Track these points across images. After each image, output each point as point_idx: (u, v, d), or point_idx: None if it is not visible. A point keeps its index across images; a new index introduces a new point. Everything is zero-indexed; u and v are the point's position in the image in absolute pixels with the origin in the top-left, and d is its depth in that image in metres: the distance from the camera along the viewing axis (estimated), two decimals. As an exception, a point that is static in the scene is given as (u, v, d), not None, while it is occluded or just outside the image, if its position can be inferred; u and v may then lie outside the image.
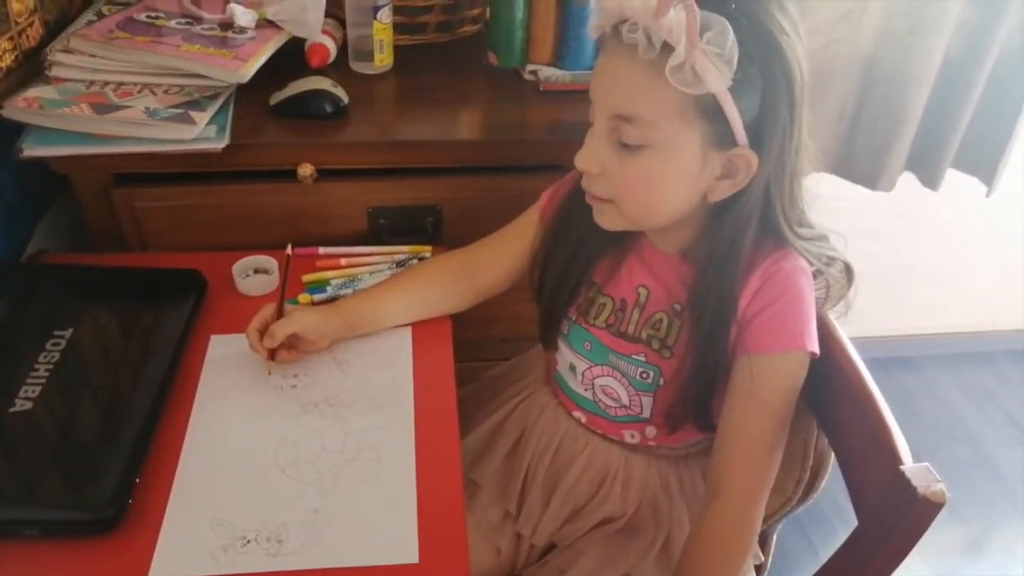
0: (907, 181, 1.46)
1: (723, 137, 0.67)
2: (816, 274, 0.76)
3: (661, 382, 0.81)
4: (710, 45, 0.61)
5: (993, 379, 2.02)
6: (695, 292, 0.74)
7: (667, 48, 0.62)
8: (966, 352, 2.06)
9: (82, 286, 0.91)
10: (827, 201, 0.78)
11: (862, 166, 1.42)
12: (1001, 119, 1.39)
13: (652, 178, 0.69)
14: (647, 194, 0.71)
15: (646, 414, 0.84)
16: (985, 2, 1.28)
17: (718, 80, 0.62)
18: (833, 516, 1.56)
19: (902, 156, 1.41)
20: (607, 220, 0.75)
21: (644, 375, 0.81)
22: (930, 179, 1.45)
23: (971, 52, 1.32)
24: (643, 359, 0.81)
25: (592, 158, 0.71)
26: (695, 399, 0.78)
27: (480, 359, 1.04)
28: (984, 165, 1.45)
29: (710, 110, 0.65)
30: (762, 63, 0.64)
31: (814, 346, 0.73)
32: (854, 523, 0.73)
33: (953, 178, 1.45)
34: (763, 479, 0.76)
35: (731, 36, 0.61)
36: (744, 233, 0.71)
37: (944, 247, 1.86)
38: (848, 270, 0.79)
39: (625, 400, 0.84)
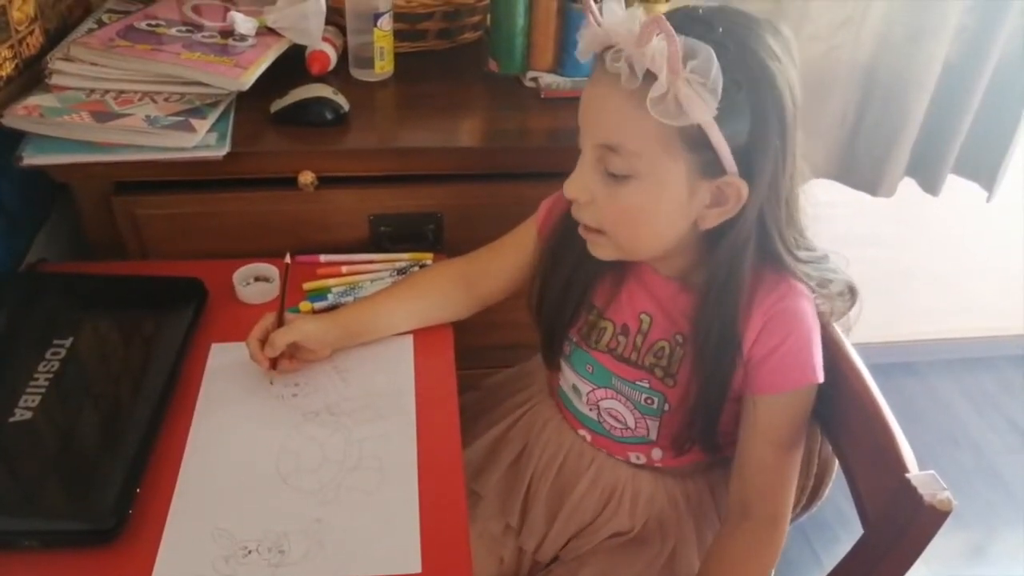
0: (908, 187, 1.46)
1: (711, 166, 0.65)
2: (816, 290, 0.75)
3: (666, 408, 0.80)
4: (694, 74, 0.59)
5: (995, 384, 2.02)
6: (696, 324, 0.73)
7: (650, 77, 0.60)
8: (967, 357, 2.06)
9: (82, 295, 0.90)
10: (827, 207, 0.78)
11: (863, 172, 1.43)
12: (1001, 125, 1.39)
13: (640, 208, 0.68)
14: (636, 224, 0.70)
15: (652, 436, 0.83)
16: (984, 9, 1.28)
17: (703, 111, 0.60)
18: (836, 523, 1.56)
19: (902, 162, 1.41)
20: (600, 251, 0.74)
21: (649, 401, 0.81)
22: (931, 185, 1.45)
23: (971, 58, 1.32)
24: (647, 385, 0.80)
25: (581, 186, 0.70)
26: (701, 426, 0.77)
27: (481, 366, 1.04)
28: (984, 171, 1.45)
29: (696, 140, 0.63)
30: (751, 90, 0.62)
31: (820, 376, 0.74)
32: (857, 530, 0.73)
33: (954, 184, 1.45)
34: (786, 499, 0.77)
35: (715, 65, 0.59)
36: (741, 260, 0.70)
37: (945, 252, 1.86)
38: (851, 290, 0.78)
39: (631, 423, 0.83)
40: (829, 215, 0.79)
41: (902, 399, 1.94)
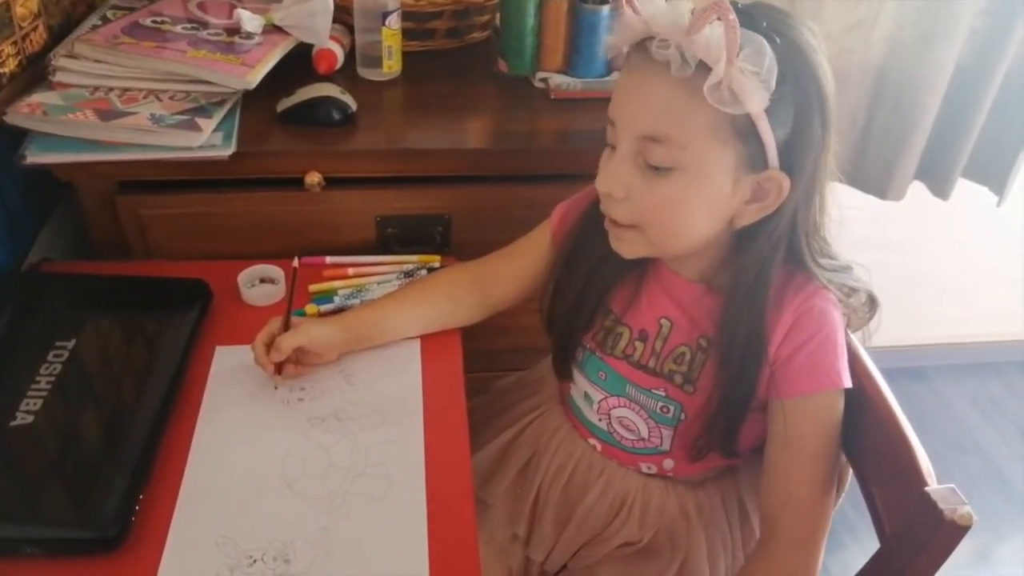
0: (917, 190, 1.44)
1: (756, 159, 0.64)
2: (840, 299, 0.74)
3: (683, 417, 0.78)
4: (746, 63, 0.59)
5: (1002, 390, 2.01)
6: (723, 326, 0.72)
7: (701, 65, 0.60)
8: (975, 362, 2.05)
9: (85, 295, 0.89)
10: (836, 210, 0.77)
11: (872, 175, 1.41)
12: (1012, 129, 1.38)
13: (680, 202, 0.67)
14: (674, 219, 0.68)
15: (665, 446, 0.82)
16: (996, 12, 1.27)
17: (755, 100, 0.60)
18: (842, 530, 1.54)
19: (912, 165, 1.39)
20: (627, 248, 0.72)
21: (664, 410, 0.79)
22: (940, 189, 1.44)
23: (982, 61, 1.31)
24: (663, 394, 0.78)
25: (617, 181, 0.68)
26: (721, 432, 0.75)
27: (489, 369, 1.03)
28: (995, 175, 1.43)
29: (745, 131, 0.63)
30: (796, 83, 0.62)
31: (848, 381, 0.72)
32: (864, 537, 0.72)
33: (963, 188, 1.44)
34: (814, 518, 0.73)
35: (769, 55, 0.59)
36: (772, 260, 0.69)
37: (954, 257, 1.85)
38: (872, 301, 0.77)
39: (644, 433, 0.82)
40: (837, 218, 0.77)
41: (909, 404, 1.92)
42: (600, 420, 0.85)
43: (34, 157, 0.89)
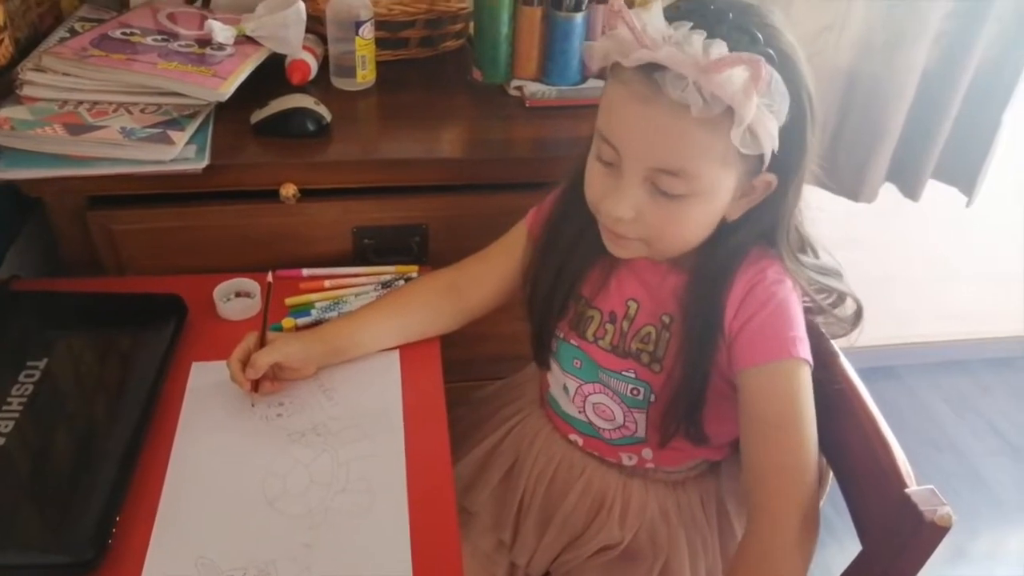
0: (888, 192, 1.46)
1: (754, 170, 0.66)
2: (817, 312, 0.76)
3: (652, 399, 0.79)
4: (762, 98, 0.59)
5: (973, 387, 2.04)
6: (687, 303, 0.74)
7: (717, 101, 0.60)
8: (946, 361, 2.08)
9: (57, 313, 0.88)
10: (808, 211, 0.77)
11: (844, 178, 1.43)
12: (980, 130, 1.40)
13: (688, 220, 0.69)
14: (680, 233, 0.70)
15: (641, 433, 0.82)
16: (964, 15, 1.29)
17: (774, 139, 0.61)
18: (822, 530, 1.55)
19: (883, 167, 1.42)
20: (626, 253, 0.73)
21: (635, 392, 0.80)
22: (911, 190, 1.46)
23: (950, 64, 1.33)
24: (633, 375, 0.79)
25: (628, 206, 0.68)
26: (684, 412, 0.76)
27: (469, 379, 1.03)
28: (964, 176, 1.46)
29: (748, 153, 0.64)
30: (793, 97, 0.63)
31: (805, 353, 0.70)
32: (843, 536, 0.73)
33: (933, 189, 1.46)
34: (786, 498, 0.69)
35: (782, 90, 0.60)
36: (744, 248, 0.71)
37: (924, 257, 1.87)
38: (858, 314, 0.78)
39: (619, 419, 0.82)
40: (809, 219, 0.78)
41: (882, 403, 1.94)
42: (579, 412, 0.85)
43: (2, 173, 0.88)
